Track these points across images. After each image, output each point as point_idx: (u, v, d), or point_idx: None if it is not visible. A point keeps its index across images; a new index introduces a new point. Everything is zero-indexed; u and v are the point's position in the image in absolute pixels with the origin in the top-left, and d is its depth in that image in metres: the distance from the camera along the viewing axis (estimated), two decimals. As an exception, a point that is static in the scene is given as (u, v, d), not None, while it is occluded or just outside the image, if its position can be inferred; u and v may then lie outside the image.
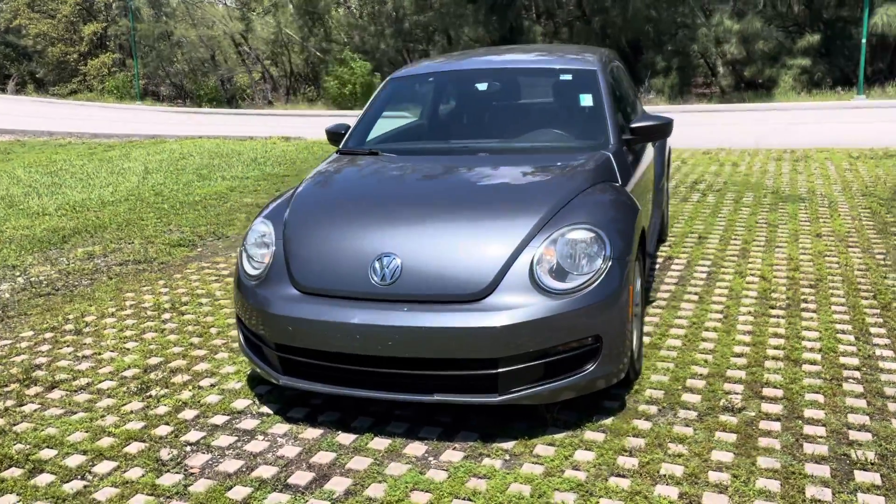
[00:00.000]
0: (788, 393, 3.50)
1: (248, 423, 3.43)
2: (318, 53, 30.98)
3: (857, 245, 5.81)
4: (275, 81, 35.04)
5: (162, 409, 3.60)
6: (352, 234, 3.35)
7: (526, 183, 3.70)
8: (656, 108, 18.84)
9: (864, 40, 18.59)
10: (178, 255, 6.38)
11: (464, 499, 2.79)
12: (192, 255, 6.41)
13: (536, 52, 5.57)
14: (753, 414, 3.32)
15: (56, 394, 3.84)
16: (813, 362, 3.81)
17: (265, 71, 34.92)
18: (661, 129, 4.12)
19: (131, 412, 3.60)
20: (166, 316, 4.90)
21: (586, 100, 4.22)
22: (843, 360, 3.82)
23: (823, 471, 2.88)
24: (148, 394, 3.77)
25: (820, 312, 4.46)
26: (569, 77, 4.38)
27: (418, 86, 4.77)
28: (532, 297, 3.04)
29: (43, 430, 3.44)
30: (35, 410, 3.66)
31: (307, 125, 16.53)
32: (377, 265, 3.15)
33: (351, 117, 5.75)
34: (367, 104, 4.59)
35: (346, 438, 3.25)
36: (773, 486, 2.79)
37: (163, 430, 3.41)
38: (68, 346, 4.48)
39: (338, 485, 2.92)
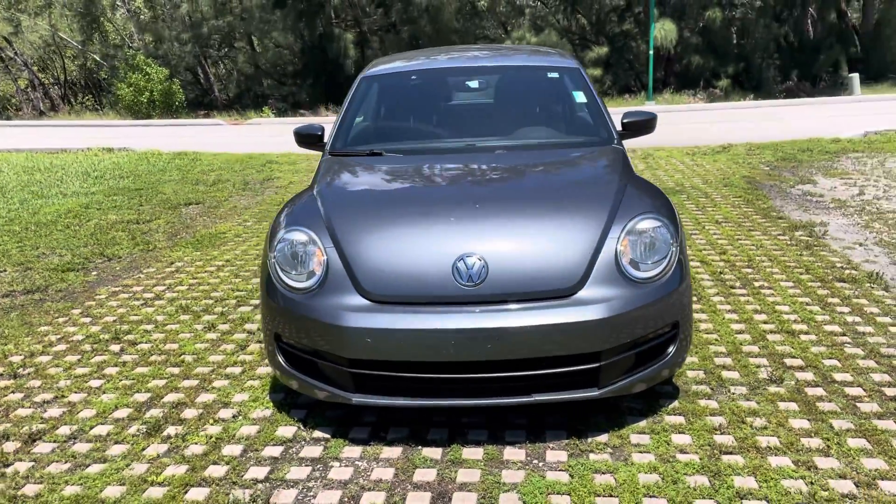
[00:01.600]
0: (808, 360, 3.81)
1: (312, 451, 3.09)
2: (96, 58, 28.46)
3: (756, 228, 6.45)
4: (45, 89, 31.64)
5: (197, 448, 3.15)
6: (425, 236, 3.13)
7: (577, 177, 3.69)
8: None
9: (651, 52, 20.60)
10: (75, 281, 5.57)
11: (606, 495, 2.73)
12: (91, 279, 5.63)
13: (506, 51, 5.55)
14: (794, 382, 3.58)
15: (44, 447, 3.21)
16: (806, 332, 4.18)
17: (34, 78, 31.41)
18: (648, 124, 4.30)
19: (160, 456, 3.10)
20: (115, 348, 4.27)
21: (580, 96, 4.30)
22: (826, 328, 4.23)
23: (889, 424, 3.18)
24: (164, 433, 3.27)
25: (776, 289, 4.89)
26: (556, 75, 4.44)
27: (398, 83, 4.57)
28: (622, 287, 3.04)
29: (62, 490, 2.87)
30: (32, 469, 3.03)
31: (114, 136, 15.09)
32: (460, 266, 2.98)
33: (156, 126, 5.34)
34: (346, 104, 4.32)
35: (434, 452, 3.05)
36: (862, 443, 3.03)
37: (218, 471, 2.98)
38: (14, 392, 3.76)
39: (466, 500, 2.73)
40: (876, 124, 11.96)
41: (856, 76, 20.04)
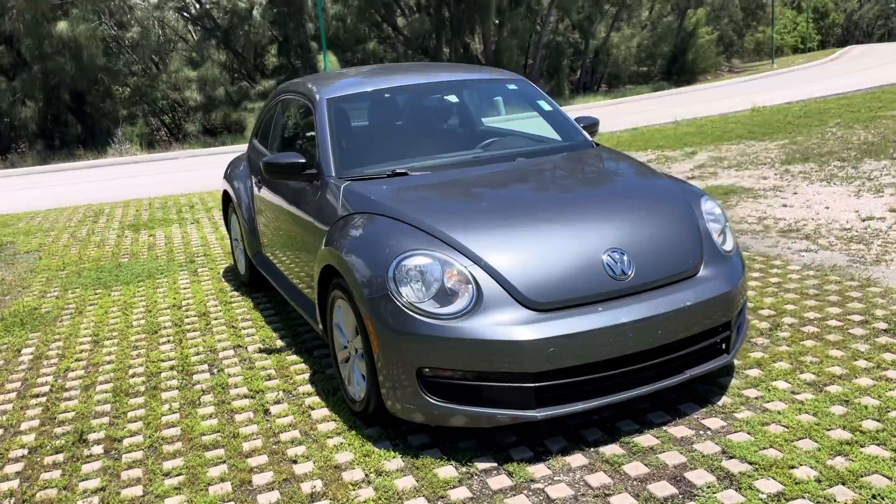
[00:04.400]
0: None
1: (501, 481, 2.71)
2: None
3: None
4: None
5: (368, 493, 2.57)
6: (569, 238, 2.94)
7: (630, 171, 3.68)
8: (133, 157, 18.02)
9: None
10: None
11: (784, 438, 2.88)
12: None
13: (445, 68, 5.11)
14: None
15: (135, 454, 2.34)
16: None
17: None
18: (595, 127, 4.49)
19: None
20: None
21: (545, 105, 4.35)
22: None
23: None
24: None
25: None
26: (515, 87, 4.42)
27: (371, 103, 4.12)
28: (723, 262, 3.20)
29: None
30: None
31: None
32: (608, 261, 2.90)
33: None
34: (324, 130, 3.76)
35: (614, 449, 2.89)
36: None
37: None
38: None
39: (701, 477, 2.67)
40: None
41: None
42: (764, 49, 54.42)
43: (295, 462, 2.89)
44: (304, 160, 3.62)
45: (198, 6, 25.69)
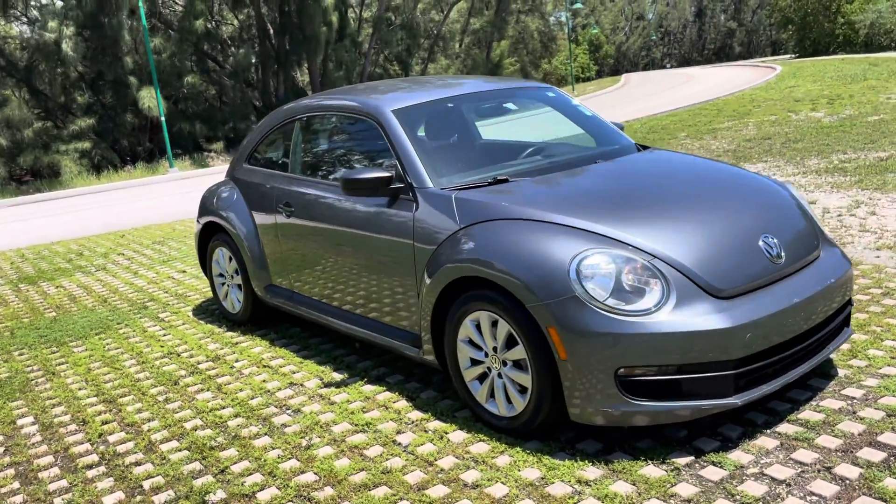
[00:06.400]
0: None
1: (713, 472, 2.71)
2: None
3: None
4: None
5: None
6: (727, 225, 2.99)
7: (720, 166, 3.74)
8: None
9: (163, 119, 19.72)
10: None
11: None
12: None
13: (476, 79, 4.86)
14: None
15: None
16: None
17: None
18: (623, 131, 4.59)
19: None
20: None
21: (585, 109, 4.40)
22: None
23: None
24: None
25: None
26: (553, 94, 4.42)
27: (427, 114, 3.91)
28: (831, 245, 3.40)
29: None
30: None
31: None
32: (764, 246, 3.02)
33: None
34: (402, 142, 3.56)
35: (768, 443, 2.99)
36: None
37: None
38: None
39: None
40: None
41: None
42: (550, 79, 58.57)
43: (477, 487, 2.71)
44: (389, 174, 3.42)
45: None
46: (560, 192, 3.28)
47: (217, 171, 19.48)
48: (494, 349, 3.01)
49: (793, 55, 47.48)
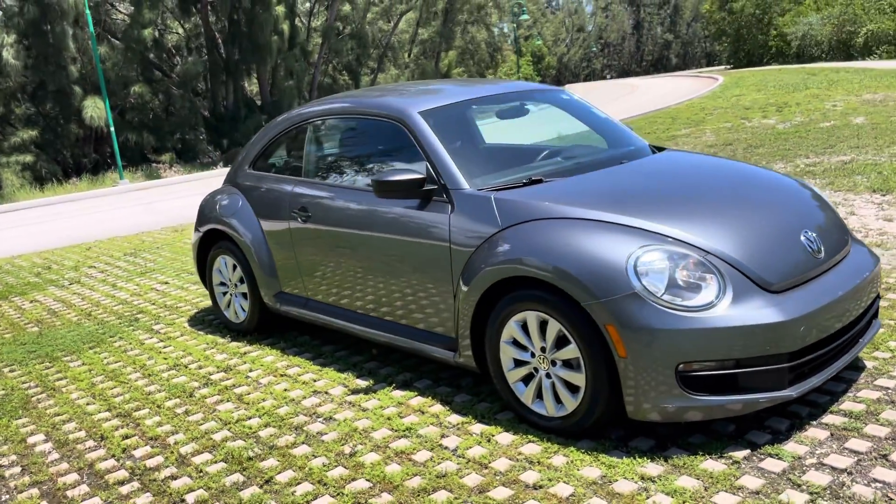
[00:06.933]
0: None
1: (773, 465, 2.75)
2: None
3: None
4: None
5: None
6: (772, 222, 3.06)
7: (743, 165, 3.77)
8: None
9: (112, 129, 19.14)
10: None
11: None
12: None
13: (489, 82, 4.81)
14: None
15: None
16: None
17: None
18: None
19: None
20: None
21: (600, 112, 4.42)
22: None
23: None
24: None
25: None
26: (567, 96, 4.43)
27: (457, 114, 3.86)
28: (856, 241, 3.50)
29: None
30: None
31: None
32: (805, 241, 3.09)
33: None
34: (432, 143, 3.54)
35: (818, 434, 3.06)
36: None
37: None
38: None
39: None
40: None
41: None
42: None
43: (540, 487, 2.68)
44: (423, 175, 3.39)
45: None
46: (601, 191, 3.29)
47: (173, 181, 19.07)
48: (543, 349, 3.00)
49: (727, 66, 49.11)
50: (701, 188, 3.36)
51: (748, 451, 2.78)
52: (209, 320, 5.18)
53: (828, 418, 2.96)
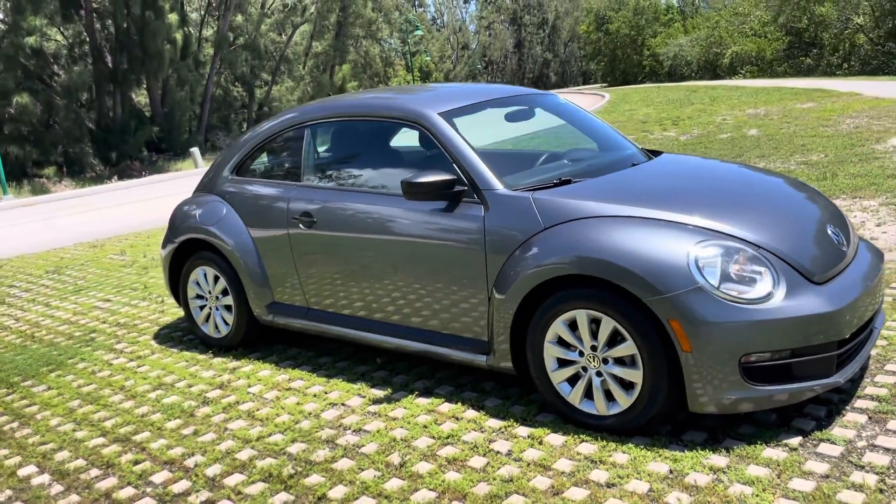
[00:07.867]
0: None
1: (830, 449, 2.85)
2: None
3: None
4: None
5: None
6: (806, 217, 3.21)
7: (747, 167, 3.90)
8: None
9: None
10: None
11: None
12: None
13: (488, 87, 4.69)
14: None
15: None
16: None
17: None
18: None
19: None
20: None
21: (593, 116, 4.46)
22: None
23: None
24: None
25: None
26: (564, 101, 4.43)
27: (470, 116, 3.78)
28: (861, 240, 3.72)
29: None
30: None
31: None
32: (833, 235, 3.22)
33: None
34: (457, 144, 3.49)
35: (859, 419, 3.21)
36: None
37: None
38: None
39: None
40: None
41: (196, 149, 21.60)
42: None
43: (614, 485, 2.67)
44: (453, 176, 3.32)
45: None
46: (637, 190, 3.33)
47: (64, 196, 17.93)
48: (593, 348, 3.00)
49: (604, 84, 51.38)
50: (726, 186, 3.47)
51: (801, 437, 2.87)
52: (178, 337, 4.86)
53: (859, 403, 3.11)
